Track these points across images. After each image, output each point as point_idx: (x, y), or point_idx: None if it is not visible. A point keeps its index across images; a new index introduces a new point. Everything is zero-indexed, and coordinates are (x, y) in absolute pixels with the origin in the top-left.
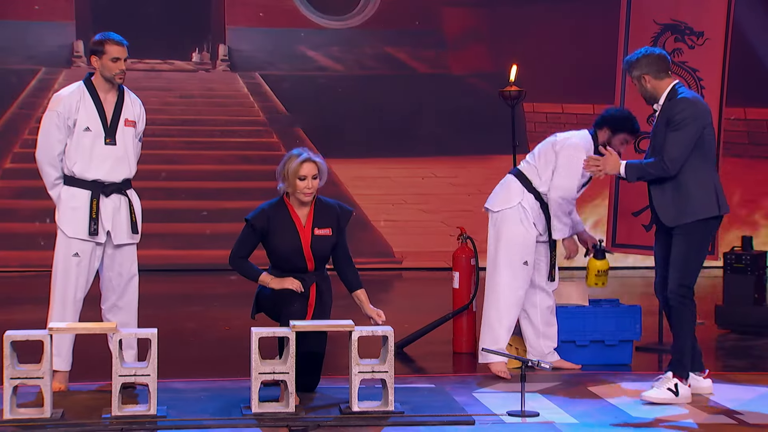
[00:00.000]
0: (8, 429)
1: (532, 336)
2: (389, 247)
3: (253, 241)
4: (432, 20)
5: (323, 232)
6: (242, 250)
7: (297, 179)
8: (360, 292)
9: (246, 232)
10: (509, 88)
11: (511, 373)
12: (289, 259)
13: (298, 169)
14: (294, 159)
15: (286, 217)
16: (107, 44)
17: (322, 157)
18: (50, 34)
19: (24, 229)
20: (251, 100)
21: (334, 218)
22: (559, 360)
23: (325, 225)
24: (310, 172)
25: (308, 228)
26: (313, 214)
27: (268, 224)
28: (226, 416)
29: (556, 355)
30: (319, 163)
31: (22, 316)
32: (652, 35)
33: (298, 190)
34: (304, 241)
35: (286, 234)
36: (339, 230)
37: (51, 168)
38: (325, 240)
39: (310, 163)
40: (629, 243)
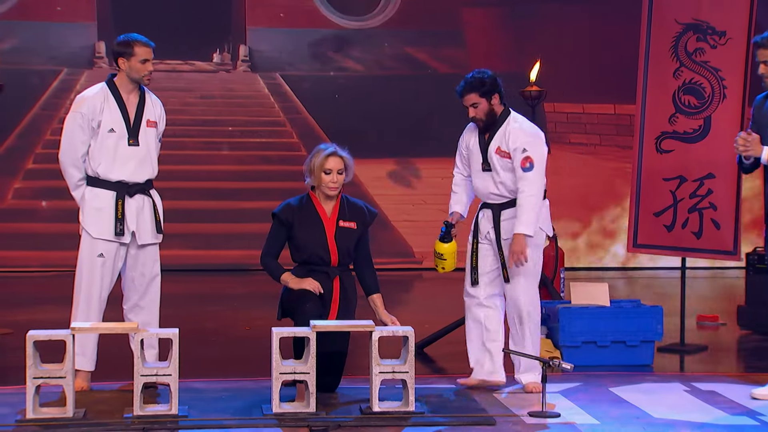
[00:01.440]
0: (31, 428)
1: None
2: (409, 247)
3: (281, 237)
4: (452, 20)
5: (348, 225)
6: (272, 247)
7: (322, 173)
8: (376, 297)
9: (274, 227)
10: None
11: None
12: (314, 251)
13: (324, 162)
14: (320, 153)
15: (312, 209)
16: (136, 46)
17: (349, 153)
18: (72, 35)
19: (45, 229)
20: (271, 101)
21: (360, 214)
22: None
23: (351, 218)
24: (336, 167)
25: (333, 219)
26: (338, 207)
27: (293, 217)
28: (246, 416)
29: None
30: (345, 157)
31: (44, 316)
32: (674, 35)
33: (323, 183)
34: (329, 232)
35: (311, 225)
36: (363, 227)
37: (74, 169)
38: (350, 233)
39: (336, 157)
40: (651, 243)
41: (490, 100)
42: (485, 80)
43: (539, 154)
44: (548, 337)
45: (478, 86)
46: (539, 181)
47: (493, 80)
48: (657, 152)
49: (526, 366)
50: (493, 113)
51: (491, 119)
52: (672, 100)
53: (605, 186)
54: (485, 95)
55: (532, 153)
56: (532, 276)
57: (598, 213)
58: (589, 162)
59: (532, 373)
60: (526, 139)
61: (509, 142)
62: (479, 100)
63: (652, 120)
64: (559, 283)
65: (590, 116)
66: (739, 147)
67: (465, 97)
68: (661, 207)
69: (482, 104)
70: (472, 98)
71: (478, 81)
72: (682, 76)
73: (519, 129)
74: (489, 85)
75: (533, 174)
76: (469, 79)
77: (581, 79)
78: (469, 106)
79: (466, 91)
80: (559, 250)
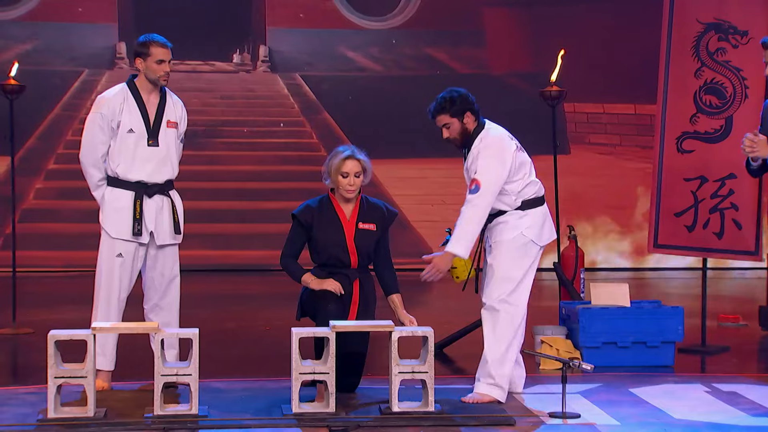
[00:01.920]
0: (52, 428)
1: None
2: (428, 247)
3: (301, 238)
4: (472, 20)
5: (367, 227)
6: (291, 248)
7: (339, 176)
8: (396, 296)
9: (294, 229)
10: (550, 88)
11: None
12: (333, 254)
13: (341, 165)
14: (338, 155)
15: (331, 211)
16: (152, 46)
17: (367, 155)
18: (93, 36)
19: (67, 229)
20: (291, 101)
21: (379, 215)
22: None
23: (370, 220)
24: (353, 170)
25: (352, 222)
26: (357, 209)
27: (313, 218)
28: (266, 416)
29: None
30: (362, 160)
31: (65, 316)
32: (695, 34)
33: (340, 186)
34: (348, 234)
35: (331, 227)
36: (383, 228)
37: (94, 169)
38: (369, 234)
39: (353, 160)
40: (672, 244)
41: (462, 119)
42: (455, 99)
43: (488, 175)
44: (568, 337)
45: (448, 107)
46: (482, 204)
47: (463, 98)
48: (678, 152)
49: (482, 371)
50: (467, 132)
51: (466, 138)
52: (693, 100)
53: (625, 186)
54: (456, 115)
55: (481, 175)
56: (500, 279)
57: (618, 213)
58: (609, 162)
59: (485, 383)
60: (478, 162)
61: (469, 164)
62: (450, 121)
63: (673, 120)
64: (579, 284)
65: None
66: (746, 149)
67: (436, 118)
68: (682, 207)
69: (454, 124)
70: (443, 119)
71: (447, 101)
72: (704, 76)
73: (478, 150)
74: (459, 104)
75: (477, 198)
76: (438, 99)
77: (602, 78)
78: (441, 127)
79: (436, 112)
80: (579, 251)
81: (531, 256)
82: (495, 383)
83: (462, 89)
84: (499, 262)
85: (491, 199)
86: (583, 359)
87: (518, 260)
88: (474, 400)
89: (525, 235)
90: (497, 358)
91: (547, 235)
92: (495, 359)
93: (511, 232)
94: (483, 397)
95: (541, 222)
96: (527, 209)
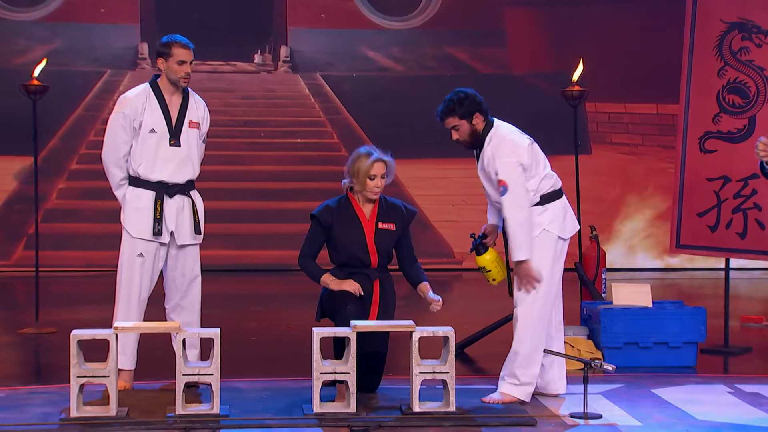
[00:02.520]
0: (75, 427)
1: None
2: (449, 247)
3: (320, 238)
4: (494, 20)
5: (387, 226)
6: (310, 248)
7: (368, 178)
8: (423, 285)
9: (313, 229)
10: (571, 87)
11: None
12: (354, 254)
13: (370, 168)
14: (365, 159)
15: (351, 212)
16: (174, 47)
17: (390, 155)
18: (115, 37)
19: (89, 229)
20: (312, 101)
21: (399, 215)
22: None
23: (390, 220)
24: (380, 172)
25: (372, 221)
26: (377, 209)
27: (332, 219)
28: (287, 416)
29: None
30: (388, 162)
31: (87, 315)
32: (718, 33)
33: (367, 189)
34: (368, 234)
35: (351, 227)
36: (403, 227)
37: (116, 169)
38: (389, 234)
39: (380, 162)
40: (695, 244)
41: (471, 121)
42: (463, 101)
43: (510, 172)
44: (590, 338)
45: (456, 108)
46: (517, 201)
47: (471, 99)
48: (700, 152)
49: (506, 371)
50: (476, 133)
51: (476, 139)
52: (716, 100)
53: (647, 186)
54: (465, 116)
55: (504, 175)
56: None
57: (640, 213)
58: (631, 162)
59: (509, 383)
60: (496, 162)
61: (484, 165)
62: (459, 123)
63: (696, 120)
64: (601, 284)
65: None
66: (759, 152)
67: (444, 121)
68: (704, 207)
69: (463, 126)
70: (451, 122)
71: (455, 103)
72: (727, 76)
73: (491, 152)
74: (468, 105)
75: (508, 197)
76: (446, 101)
77: (623, 78)
78: (450, 129)
79: (444, 114)
80: (600, 251)
81: (557, 251)
82: (520, 383)
83: (470, 90)
84: (539, 280)
85: (523, 191)
86: (605, 360)
87: (544, 257)
88: (495, 401)
89: (548, 230)
90: (526, 358)
91: (570, 227)
92: (524, 358)
93: (534, 230)
94: (505, 397)
95: (562, 215)
96: (546, 203)
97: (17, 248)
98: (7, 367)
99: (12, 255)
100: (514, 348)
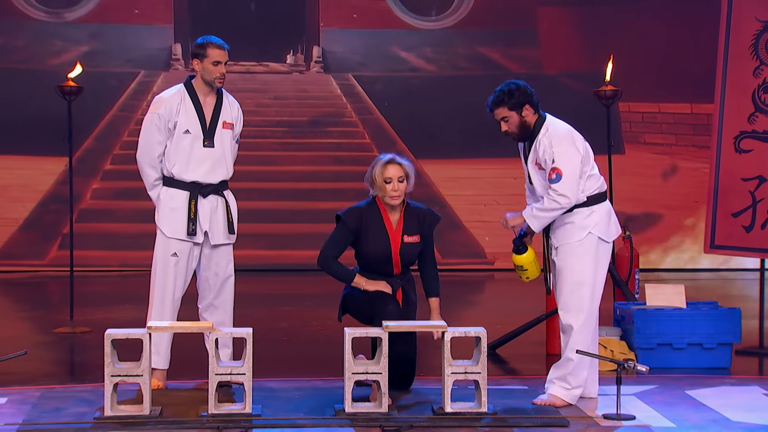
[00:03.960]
0: (109, 425)
1: None
2: (481, 248)
3: (345, 240)
4: (526, 19)
5: (412, 240)
6: (334, 250)
7: (383, 182)
8: (433, 300)
9: (339, 230)
10: (605, 87)
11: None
12: (378, 262)
13: (383, 171)
14: (379, 162)
15: (378, 220)
16: (209, 48)
17: (409, 160)
18: (149, 38)
19: (123, 229)
20: (344, 101)
21: (422, 225)
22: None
23: (414, 232)
24: (396, 174)
25: (398, 233)
26: (403, 219)
27: (360, 224)
28: (319, 416)
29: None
30: (405, 165)
31: (121, 315)
32: (754, 32)
33: (386, 193)
34: (394, 247)
35: (378, 238)
36: (424, 237)
37: (151, 169)
38: (414, 247)
39: (394, 165)
40: (729, 245)
41: (521, 112)
42: (513, 92)
43: (566, 161)
44: (623, 339)
45: (506, 99)
46: (568, 189)
47: (522, 91)
48: (735, 152)
49: (558, 375)
50: (526, 125)
51: (525, 131)
52: (751, 99)
53: (681, 186)
54: (514, 108)
55: (560, 163)
56: (575, 285)
57: (673, 213)
58: (664, 162)
59: (559, 386)
60: (553, 149)
61: (540, 155)
62: (509, 114)
63: (731, 119)
64: (634, 285)
65: (666, 115)
66: None
67: (494, 111)
68: (739, 207)
69: (513, 117)
70: (501, 112)
71: (505, 94)
72: (762, 75)
73: (548, 140)
74: (518, 96)
75: (560, 185)
76: (497, 92)
77: (657, 77)
78: (499, 120)
79: (494, 105)
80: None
81: (601, 256)
82: (571, 387)
83: (521, 81)
84: (571, 266)
85: (574, 184)
86: (638, 361)
87: (590, 262)
88: (546, 402)
89: (593, 233)
90: (578, 365)
91: (614, 231)
92: (576, 365)
93: (579, 233)
94: (555, 399)
95: (607, 218)
96: (592, 205)
97: (52, 248)
98: (42, 366)
99: (47, 255)
100: (566, 355)
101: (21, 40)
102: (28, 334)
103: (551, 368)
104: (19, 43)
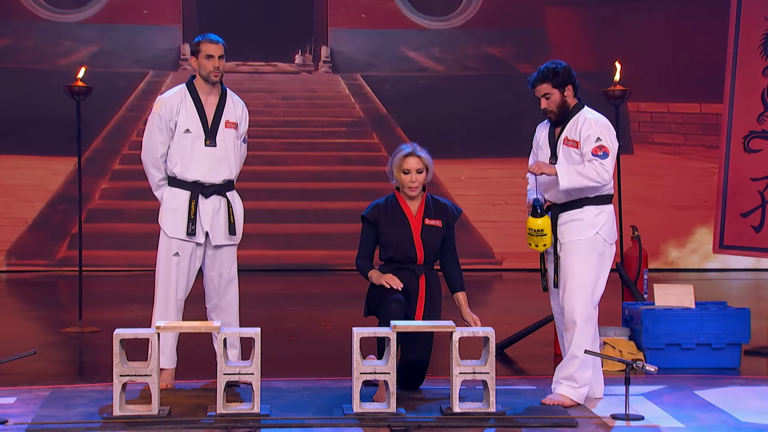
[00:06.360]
0: (117, 425)
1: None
2: (489, 248)
3: (372, 237)
4: (535, 19)
5: (434, 223)
6: (364, 249)
7: (401, 173)
8: (461, 295)
9: (364, 229)
10: (613, 87)
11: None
12: (400, 248)
13: (402, 163)
14: (399, 153)
15: (397, 208)
16: (202, 43)
17: (428, 152)
18: (158, 38)
19: (131, 229)
20: (352, 101)
21: (444, 212)
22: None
23: (436, 216)
24: (414, 166)
25: (419, 218)
26: (423, 206)
27: (380, 215)
28: (327, 415)
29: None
30: (423, 157)
31: (130, 315)
32: (763, 32)
33: (404, 184)
34: (415, 229)
35: (397, 223)
36: (448, 225)
37: (155, 169)
38: (436, 230)
39: (413, 157)
40: (738, 245)
41: (563, 92)
42: (558, 70)
43: (613, 146)
44: (631, 339)
45: (551, 76)
46: (610, 170)
47: (566, 71)
48: (745, 152)
49: (564, 374)
50: (566, 105)
51: (563, 112)
52: (761, 99)
53: (690, 186)
54: (558, 86)
55: (607, 143)
56: (582, 282)
57: (682, 214)
58: (673, 162)
59: (567, 386)
60: (599, 129)
61: (581, 131)
62: (552, 91)
63: (740, 119)
64: (643, 285)
65: (675, 115)
66: None
67: (537, 87)
68: (748, 207)
69: (554, 95)
70: (544, 89)
71: (551, 71)
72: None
73: (593, 120)
74: (562, 75)
75: (606, 161)
76: (542, 69)
77: (666, 77)
78: (541, 97)
79: (538, 81)
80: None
81: (606, 255)
82: (579, 386)
83: (564, 62)
84: (577, 264)
85: (611, 168)
86: (647, 361)
87: (596, 260)
88: (555, 402)
89: (600, 233)
90: (583, 362)
91: (615, 234)
92: (582, 363)
93: (588, 231)
94: (564, 399)
95: (612, 220)
96: (601, 205)
97: (61, 248)
98: (50, 365)
99: (55, 255)
100: (572, 352)
101: (30, 41)
102: (36, 334)
103: (556, 369)
104: (28, 44)
